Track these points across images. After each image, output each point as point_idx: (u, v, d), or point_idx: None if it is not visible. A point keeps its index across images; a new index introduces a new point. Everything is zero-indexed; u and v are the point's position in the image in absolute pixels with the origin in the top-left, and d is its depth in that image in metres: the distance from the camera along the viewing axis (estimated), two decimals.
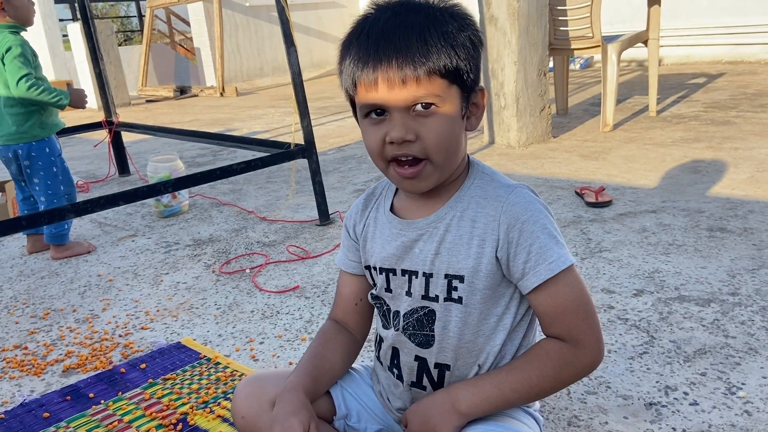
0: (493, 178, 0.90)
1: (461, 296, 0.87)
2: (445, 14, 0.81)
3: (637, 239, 2.06)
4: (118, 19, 16.11)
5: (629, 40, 3.70)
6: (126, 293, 2.01)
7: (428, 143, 0.81)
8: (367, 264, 0.97)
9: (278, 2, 2.33)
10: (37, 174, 2.31)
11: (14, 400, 1.44)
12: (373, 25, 0.81)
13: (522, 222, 0.84)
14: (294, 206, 2.81)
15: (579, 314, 0.84)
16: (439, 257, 0.88)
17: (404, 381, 0.95)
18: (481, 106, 0.87)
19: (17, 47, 2.19)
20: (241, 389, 0.99)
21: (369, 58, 0.79)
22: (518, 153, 3.35)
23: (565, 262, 0.83)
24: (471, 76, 0.82)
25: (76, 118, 5.99)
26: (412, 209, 0.92)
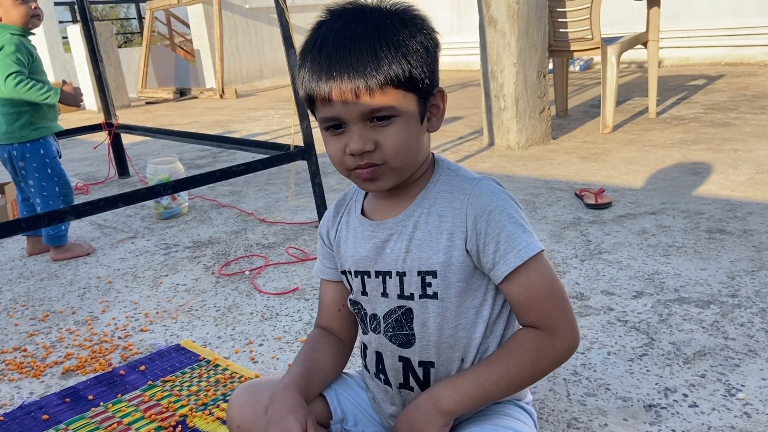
0: (459, 173, 0.91)
1: (436, 291, 0.88)
2: (395, 21, 0.81)
3: (637, 241, 2.06)
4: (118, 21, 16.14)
5: (629, 41, 3.70)
6: (125, 295, 2.01)
7: (386, 151, 0.82)
8: (343, 269, 0.98)
9: (278, 4, 2.34)
10: (32, 175, 2.31)
11: (13, 402, 1.44)
12: (326, 38, 0.81)
13: (488, 212, 0.85)
14: (293, 208, 2.81)
15: (551, 300, 0.85)
16: (410, 255, 0.88)
17: (392, 385, 0.95)
18: (441, 108, 0.88)
19: (10, 46, 2.19)
20: (236, 398, 0.98)
21: (322, 73, 0.79)
22: (518, 155, 3.35)
23: (533, 249, 0.84)
24: (426, 81, 0.83)
25: (76, 120, 5.99)
26: (381, 210, 0.93)
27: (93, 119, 5.54)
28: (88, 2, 3.42)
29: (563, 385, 1.32)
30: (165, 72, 8.90)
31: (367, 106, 0.79)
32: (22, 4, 2.22)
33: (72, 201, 2.41)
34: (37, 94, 2.22)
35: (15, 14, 2.22)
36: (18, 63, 2.19)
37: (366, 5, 0.83)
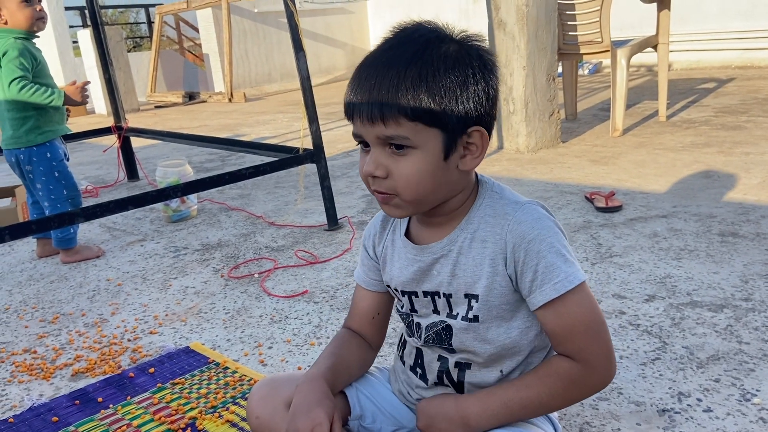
0: (503, 195, 0.89)
1: (477, 315, 0.88)
2: (438, 54, 0.79)
3: (648, 244, 2.04)
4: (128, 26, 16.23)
5: (639, 45, 3.68)
6: (135, 297, 2.01)
7: (396, 183, 0.81)
8: (389, 285, 0.98)
9: (287, 8, 2.34)
10: (39, 179, 2.31)
11: (23, 404, 1.44)
12: (369, 57, 0.82)
13: (528, 241, 0.83)
14: (302, 211, 2.81)
15: (588, 334, 0.83)
16: (456, 279, 0.88)
17: (428, 381, 0.96)
18: (480, 147, 0.83)
19: (13, 50, 2.19)
20: (256, 391, 0.99)
21: (352, 92, 0.81)
22: (527, 158, 3.34)
23: (572, 281, 0.82)
24: (453, 119, 0.79)
25: (85, 124, 6.03)
26: (425, 234, 0.92)
27: (102, 123, 5.58)
28: (98, 7, 3.44)
29: None
30: (174, 76, 8.95)
31: (381, 132, 0.79)
32: (27, 6, 2.22)
33: (80, 204, 2.42)
34: (41, 97, 2.22)
35: (20, 17, 2.21)
36: (21, 68, 2.19)
37: (424, 27, 0.82)
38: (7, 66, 2.18)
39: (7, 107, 2.25)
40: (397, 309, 1.00)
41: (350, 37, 9.49)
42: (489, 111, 0.84)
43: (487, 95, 0.82)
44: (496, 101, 0.85)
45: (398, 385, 1.02)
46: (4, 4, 2.18)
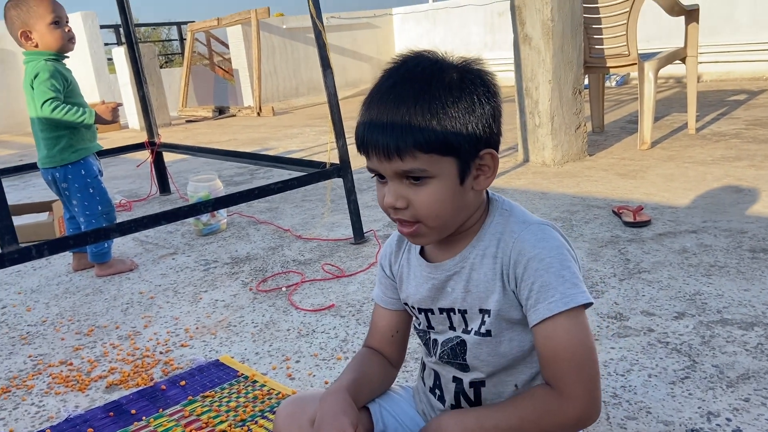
0: (512, 213, 0.90)
1: (489, 330, 0.89)
2: (443, 84, 0.81)
3: (678, 260, 2.02)
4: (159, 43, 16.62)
5: (667, 57, 3.66)
6: (166, 310, 2.05)
7: (418, 211, 0.83)
8: (406, 302, 1.00)
9: (315, 26, 2.39)
10: (75, 195, 2.38)
11: (59, 416, 1.48)
12: (376, 94, 0.84)
13: (527, 259, 0.84)
14: (329, 225, 2.84)
15: (571, 363, 0.81)
16: (470, 295, 0.90)
17: (445, 402, 0.97)
18: (492, 167, 0.86)
19: (44, 72, 2.26)
20: (282, 409, 1.01)
21: (365, 129, 0.83)
22: (553, 171, 3.32)
23: (567, 303, 0.81)
24: (466, 146, 0.82)
25: (119, 139, 6.18)
26: (439, 252, 0.94)
27: (135, 138, 5.72)
28: (133, 25, 3.54)
29: (603, 408, 1.30)
30: (205, 91, 9.13)
31: (398, 167, 0.82)
32: (57, 28, 2.27)
33: (114, 218, 2.49)
34: (73, 116, 2.27)
35: (50, 39, 2.27)
36: (53, 89, 2.25)
37: (425, 59, 0.84)
38: (39, 88, 2.25)
39: (40, 128, 2.32)
40: (415, 327, 1.02)
41: (376, 50, 9.58)
42: (496, 131, 0.87)
43: (493, 117, 0.85)
44: (500, 121, 0.88)
45: (422, 405, 1.04)
46: (34, 27, 2.25)
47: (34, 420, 1.48)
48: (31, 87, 2.27)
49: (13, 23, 2.25)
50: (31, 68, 2.28)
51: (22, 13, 2.24)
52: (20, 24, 2.25)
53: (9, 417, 1.50)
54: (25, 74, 2.31)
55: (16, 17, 2.25)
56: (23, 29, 2.25)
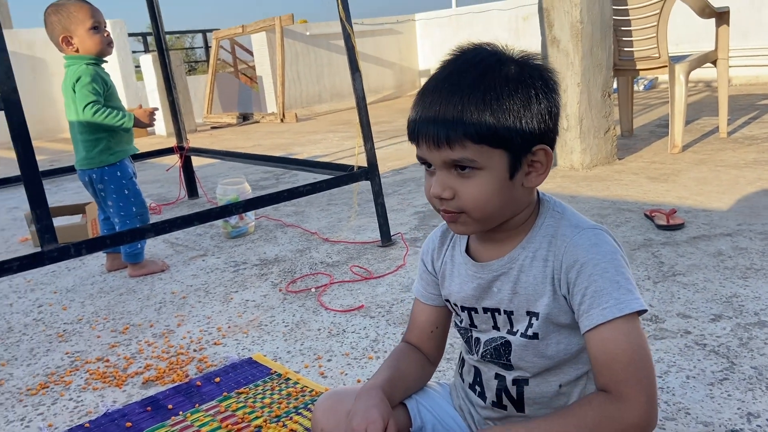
0: (564, 216, 0.89)
1: (536, 332, 0.88)
2: (501, 76, 0.80)
3: (713, 263, 1.99)
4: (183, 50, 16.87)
5: (698, 60, 3.61)
6: (199, 310, 2.08)
7: (464, 203, 0.82)
8: (447, 299, 0.99)
9: (344, 30, 2.41)
10: (110, 197, 2.43)
11: (98, 410, 1.51)
12: (431, 83, 0.84)
13: (580, 264, 0.82)
14: (355, 228, 2.85)
15: (630, 368, 0.79)
16: (517, 296, 0.89)
17: (486, 399, 0.96)
18: (544, 164, 0.84)
19: (86, 76, 2.31)
20: (321, 403, 1.02)
21: (417, 117, 0.83)
22: (582, 175, 3.30)
23: (622, 309, 0.79)
24: (518, 139, 0.80)
25: (148, 145, 6.27)
26: (485, 251, 0.93)
27: (162, 143, 5.81)
28: (164, 33, 3.61)
29: None
30: (229, 98, 9.24)
31: (447, 156, 0.81)
32: (96, 33, 2.33)
33: (148, 219, 2.53)
34: (113, 120, 2.34)
35: (90, 44, 2.33)
36: (94, 92, 2.31)
37: (484, 50, 0.84)
38: (81, 91, 2.31)
39: (80, 130, 2.38)
40: (456, 324, 1.01)
41: (399, 57, 9.61)
42: (552, 128, 0.84)
43: (549, 113, 0.83)
44: (558, 118, 0.86)
45: (459, 400, 1.03)
46: (74, 32, 2.31)
47: (73, 414, 1.51)
48: (73, 90, 2.33)
49: (54, 29, 2.31)
50: (72, 72, 2.34)
51: (62, 18, 2.30)
52: (61, 29, 2.31)
53: (48, 412, 1.53)
54: (66, 78, 2.37)
55: (57, 23, 2.30)
56: (64, 34, 2.31)
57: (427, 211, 2.98)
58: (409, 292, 2.04)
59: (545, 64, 0.85)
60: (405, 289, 2.07)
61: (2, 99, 1.70)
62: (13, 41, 7.86)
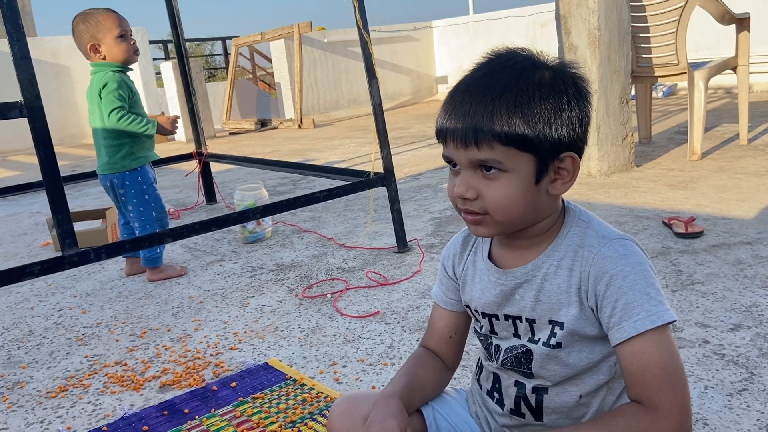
0: (590, 226, 0.88)
1: (560, 342, 0.87)
2: (533, 80, 0.80)
3: (732, 272, 1.97)
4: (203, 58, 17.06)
5: (717, 66, 3.58)
6: (215, 315, 2.10)
7: (487, 204, 0.82)
8: (468, 305, 0.99)
9: (361, 38, 2.42)
10: (131, 201, 2.46)
11: (115, 414, 1.53)
12: (463, 84, 0.84)
13: (610, 276, 0.82)
14: (371, 234, 2.86)
15: (663, 379, 0.78)
16: (540, 305, 0.88)
17: (504, 407, 0.96)
18: (571, 172, 0.84)
19: (113, 83, 2.36)
20: (337, 407, 1.02)
21: (445, 116, 0.83)
22: (599, 182, 3.28)
23: (654, 321, 0.79)
24: (546, 145, 0.80)
25: (166, 150, 6.35)
26: (509, 258, 0.92)
27: (181, 149, 5.87)
28: (184, 41, 3.66)
29: None
30: (247, 104, 9.32)
31: (474, 156, 0.81)
32: (123, 41, 2.38)
33: (167, 224, 2.56)
34: (137, 126, 2.38)
35: (117, 52, 2.38)
36: (120, 99, 2.36)
37: (518, 55, 0.84)
38: (107, 97, 2.35)
39: (103, 135, 2.42)
40: (475, 330, 1.00)
41: (416, 63, 9.63)
42: (582, 137, 0.84)
43: (580, 122, 0.82)
44: (588, 128, 0.85)
45: (475, 407, 1.03)
46: (102, 40, 2.36)
47: (91, 418, 1.53)
48: (99, 96, 2.38)
49: (82, 36, 2.36)
50: (99, 79, 2.38)
51: (90, 26, 2.35)
52: (89, 37, 2.35)
53: (67, 415, 1.55)
54: (91, 84, 2.41)
55: (85, 31, 2.35)
56: (92, 42, 2.36)
57: (443, 218, 2.98)
58: (424, 299, 2.04)
59: (579, 72, 0.85)
60: (421, 296, 2.07)
61: (26, 105, 1.73)
62: (37, 49, 8.01)
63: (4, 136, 7.77)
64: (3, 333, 2.12)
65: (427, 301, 2.01)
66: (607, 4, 3.21)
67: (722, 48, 5.92)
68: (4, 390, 1.71)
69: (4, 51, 7.80)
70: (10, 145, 7.81)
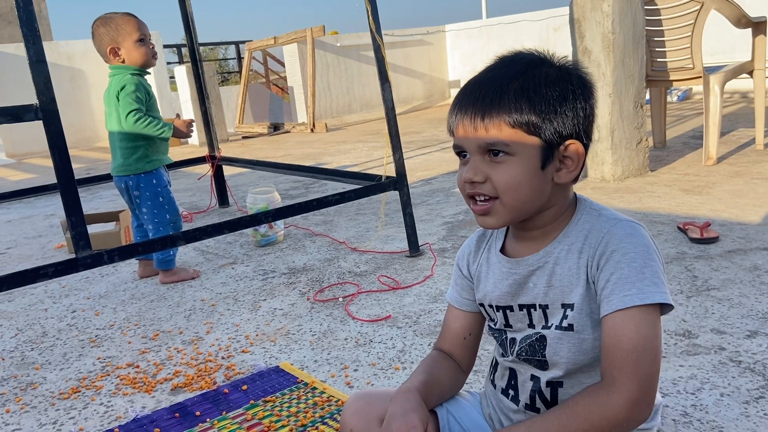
0: (601, 213, 0.90)
1: (572, 323, 0.88)
2: (543, 72, 0.85)
3: (749, 278, 1.94)
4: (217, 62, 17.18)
5: (733, 71, 3.54)
6: (227, 317, 2.10)
7: (496, 185, 0.85)
8: (482, 302, 1.00)
9: (374, 42, 2.42)
10: (145, 204, 2.48)
11: (127, 416, 1.53)
12: (473, 78, 0.89)
13: (611, 251, 0.83)
14: (383, 238, 2.85)
15: (630, 354, 0.78)
16: (552, 289, 0.89)
17: (519, 403, 0.96)
18: (576, 162, 0.86)
19: (131, 85, 2.38)
20: (350, 405, 1.02)
21: (456, 105, 0.88)
22: (613, 187, 3.25)
23: (643, 299, 0.79)
24: (550, 131, 0.83)
25: (179, 154, 6.39)
26: (521, 248, 0.94)
27: (195, 152, 5.91)
28: (197, 45, 3.68)
29: (672, 426, 1.25)
30: (260, 108, 9.37)
31: (481, 139, 0.84)
32: (142, 45, 2.41)
33: (181, 227, 2.57)
34: (153, 129, 2.40)
35: (136, 55, 2.41)
36: (137, 101, 2.38)
37: (526, 53, 0.89)
38: (125, 99, 2.38)
39: (119, 137, 2.44)
40: (490, 327, 1.00)
41: (429, 67, 9.63)
42: (586, 129, 0.87)
43: (584, 112, 0.86)
44: (593, 121, 0.88)
45: (489, 410, 1.03)
46: (122, 43, 2.38)
47: (103, 419, 1.53)
48: (117, 99, 2.40)
49: (102, 40, 2.39)
50: (117, 81, 2.41)
51: (110, 30, 2.38)
52: (109, 41, 2.38)
53: (79, 416, 1.56)
54: (110, 86, 2.44)
55: (105, 34, 2.38)
56: (112, 45, 2.38)
57: (455, 222, 2.97)
58: (436, 303, 2.03)
59: (585, 71, 0.90)
60: (432, 300, 2.06)
61: (41, 108, 1.75)
62: (53, 52, 8.11)
63: (19, 139, 7.87)
64: (17, 334, 2.14)
65: (439, 306, 2.00)
66: (622, 8, 3.19)
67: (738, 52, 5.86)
68: (17, 391, 1.72)
69: (20, 54, 7.91)
70: (25, 148, 7.91)
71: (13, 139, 7.90)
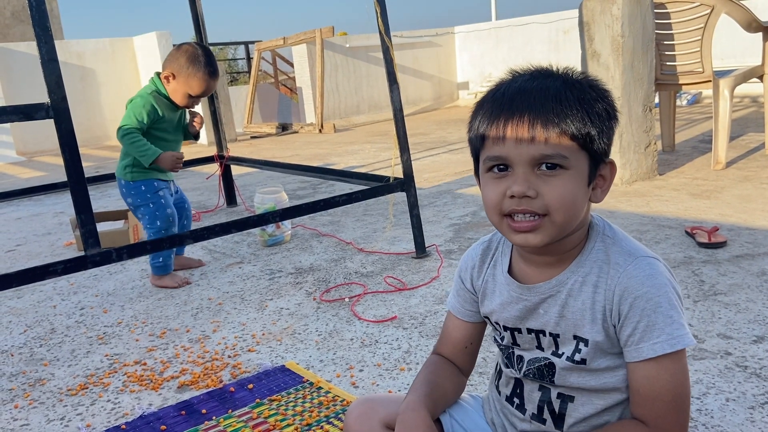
0: (615, 241, 0.87)
1: (584, 358, 0.86)
2: (583, 83, 0.83)
3: (756, 283, 1.93)
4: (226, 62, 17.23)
5: (743, 75, 3.52)
6: (234, 316, 2.11)
7: (549, 201, 0.79)
8: (488, 317, 0.98)
9: (383, 43, 2.43)
10: (138, 210, 2.48)
11: (134, 413, 1.54)
12: (510, 86, 0.83)
13: (634, 297, 0.81)
14: (390, 239, 2.86)
15: (671, 405, 0.80)
16: (564, 320, 0.87)
17: (526, 412, 0.95)
18: (608, 180, 0.85)
19: (142, 100, 2.39)
20: (354, 409, 1.02)
21: (501, 112, 0.80)
22: (621, 190, 3.24)
23: (673, 345, 0.79)
24: (601, 145, 0.81)
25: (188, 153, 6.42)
26: (531, 274, 0.91)
27: (203, 152, 5.93)
28: (208, 45, 3.70)
29: None
30: (269, 108, 9.39)
31: (539, 150, 0.78)
32: (190, 99, 2.44)
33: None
34: (136, 150, 2.36)
35: (178, 97, 2.43)
36: (137, 116, 2.37)
37: (566, 72, 0.85)
38: (128, 110, 2.41)
39: (120, 140, 2.45)
40: (496, 340, 0.99)
41: (437, 69, 9.63)
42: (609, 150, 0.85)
43: (613, 132, 0.85)
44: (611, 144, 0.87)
45: (492, 414, 1.02)
46: (178, 82, 2.40)
47: (110, 416, 1.55)
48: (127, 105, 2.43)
49: (173, 63, 2.42)
50: (141, 90, 2.45)
51: (183, 68, 2.40)
52: (175, 68, 2.41)
53: (86, 412, 1.57)
54: (138, 91, 2.47)
55: (177, 65, 2.41)
56: (173, 74, 2.41)
57: (462, 224, 2.97)
58: (442, 305, 2.03)
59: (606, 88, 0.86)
60: (438, 301, 2.06)
61: (52, 107, 1.77)
62: (64, 52, 8.17)
63: (30, 137, 7.93)
64: (26, 330, 2.16)
65: (445, 307, 2.01)
66: (631, 11, 3.18)
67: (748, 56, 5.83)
68: (26, 387, 1.74)
69: (31, 53, 7.97)
70: (35, 146, 7.97)
71: (23, 137, 7.96)
